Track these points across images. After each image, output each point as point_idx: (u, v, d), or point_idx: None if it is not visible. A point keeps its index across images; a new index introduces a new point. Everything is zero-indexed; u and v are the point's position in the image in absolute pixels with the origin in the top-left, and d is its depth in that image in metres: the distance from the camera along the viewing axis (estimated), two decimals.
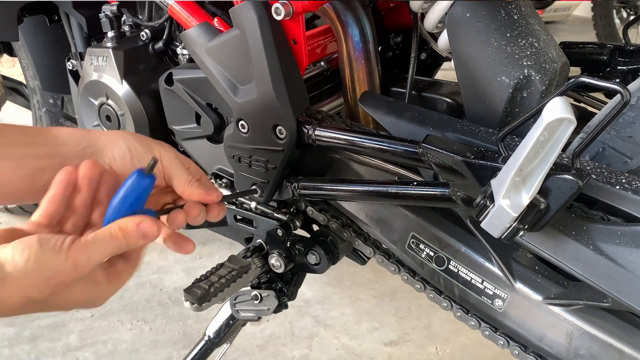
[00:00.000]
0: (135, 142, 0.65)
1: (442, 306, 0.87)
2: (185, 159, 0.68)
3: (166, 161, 0.65)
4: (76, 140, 0.63)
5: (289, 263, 0.97)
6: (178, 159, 0.66)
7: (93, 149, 0.63)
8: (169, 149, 0.67)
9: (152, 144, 0.66)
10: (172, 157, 0.66)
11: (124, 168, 0.63)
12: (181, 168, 0.66)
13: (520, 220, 0.60)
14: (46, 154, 0.61)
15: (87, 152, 0.63)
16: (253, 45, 0.78)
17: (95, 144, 0.63)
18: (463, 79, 0.81)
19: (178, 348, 1.47)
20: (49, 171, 0.61)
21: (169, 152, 0.66)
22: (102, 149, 0.63)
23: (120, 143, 0.64)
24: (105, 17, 1.07)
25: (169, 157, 0.65)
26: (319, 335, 1.53)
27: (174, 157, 0.66)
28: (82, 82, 1.10)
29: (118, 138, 0.65)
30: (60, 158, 0.61)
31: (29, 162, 0.60)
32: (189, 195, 0.66)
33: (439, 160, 0.69)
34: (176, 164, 0.66)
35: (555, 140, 0.53)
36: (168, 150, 0.66)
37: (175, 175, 0.65)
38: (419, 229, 0.83)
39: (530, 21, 0.80)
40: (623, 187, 0.63)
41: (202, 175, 0.69)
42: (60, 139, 0.63)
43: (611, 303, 0.66)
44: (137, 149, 0.64)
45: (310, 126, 0.82)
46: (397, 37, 1.17)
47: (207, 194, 0.66)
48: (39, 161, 0.61)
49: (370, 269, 1.75)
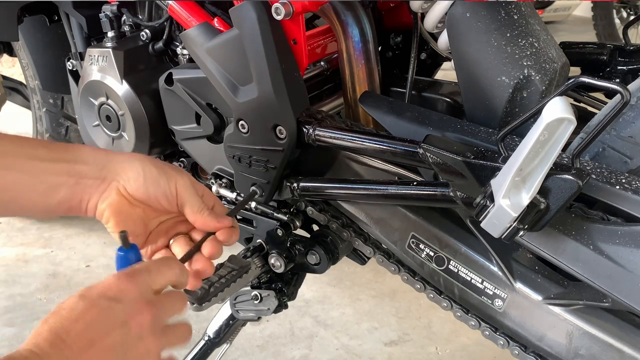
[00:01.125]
0: (151, 165, 0.65)
1: (442, 306, 0.87)
2: (200, 186, 0.68)
3: (181, 188, 0.65)
4: (95, 160, 0.64)
5: (289, 263, 0.97)
6: (193, 186, 0.67)
7: (110, 170, 0.63)
8: (184, 174, 0.67)
9: (168, 169, 0.66)
10: (187, 184, 0.66)
11: (138, 190, 0.64)
12: (194, 196, 0.66)
13: (520, 220, 0.60)
14: (64, 171, 0.62)
15: (103, 173, 0.63)
16: (253, 45, 0.78)
17: (112, 166, 0.64)
18: (463, 79, 0.81)
19: (178, 348, 1.46)
20: (65, 188, 0.61)
21: (184, 178, 0.66)
22: (118, 171, 0.64)
23: (136, 165, 0.65)
24: (105, 17, 1.07)
25: (183, 184, 0.66)
26: (319, 335, 1.53)
27: (189, 184, 0.66)
28: (82, 82, 1.09)
29: (134, 160, 0.65)
30: (77, 177, 0.62)
31: (47, 177, 0.61)
32: (200, 224, 0.67)
33: (439, 160, 0.69)
34: (190, 192, 0.66)
35: (555, 140, 0.53)
36: (183, 177, 0.67)
37: (187, 202, 0.66)
38: (419, 229, 0.83)
39: (530, 21, 0.80)
40: (623, 187, 0.63)
41: (216, 201, 0.69)
42: (80, 157, 0.63)
43: (611, 303, 0.66)
44: (152, 171, 0.65)
45: (310, 126, 0.82)
46: (397, 37, 1.17)
47: (218, 222, 0.67)
48: (56, 177, 0.61)
49: (370, 269, 1.75)
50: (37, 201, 0.61)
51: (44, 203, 0.61)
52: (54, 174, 0.61)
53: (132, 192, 0.64)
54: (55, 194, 0.61)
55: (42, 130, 1.77)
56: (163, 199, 0.65)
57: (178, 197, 0.65)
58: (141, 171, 0.64)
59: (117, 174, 0.64)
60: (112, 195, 0.63)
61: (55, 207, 0.62)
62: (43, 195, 0.61)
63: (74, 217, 1.93)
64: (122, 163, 0.64)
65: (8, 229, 1.94)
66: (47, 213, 0.63)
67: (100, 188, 0.63)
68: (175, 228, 0.69)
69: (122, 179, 0.64)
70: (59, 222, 1.97)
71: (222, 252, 0.68)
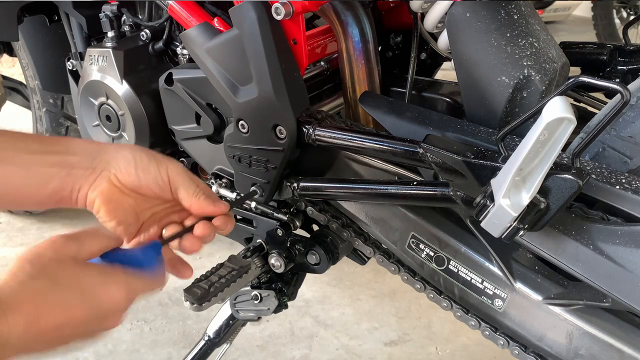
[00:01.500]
0: (142, 153, 0.65)
1: (442, 306, 0.87)
2: (193, 175, 0.68)
3: (173, 173, 0.65)
4: (86, 151, 0.64)
5: (289, 263, 0.97)
6: (186, 172, 0.67)
7: (101, 160, 0.64)
8: (175, 162, 0.67)
9: (159, 156, 0.66)
10: (180, 169, 0.66)
11: (129, 178, 0.64)
12: (188, 180, 0.66)
13: (520, 220, 0.60)
14: (56, 163, 0.62)
15: (94, 163, 0.63)
16: (253, 45, 0.78)
17: (103, 157, 0.64)
18: (463, 79, 0.81)
19: (178, 348, 1.47)
20: (57, 179, 0.61)
21: (176, 164, 0.67)
22: (109, 161, 0.64)
23: (127, 153, 0.65)
24: (105, 17, 1.07)
25: (175, 170, 0.66)
26: (319, 335, 1.53)
27: (182, 169, 0.67)
28: (82, 82, 1.09)
29: (125, 149, 0.66)
30: (69, 168, 0.62)
31: (39, 170, 0.61)
32: (196, 208, 0.66)
33: (439, 160, 0.69)
34: (183, 177, 0.66)
35: (555, 139, 0.53)
36: (174, 163, 0.67)
37: (182, 186, 0.65)
38: (419, 229, 0.83)
39: (530, 21, 0.80)
40: (623, 187, 0.63)
41: (208, 189, 0.69)
42: (71, 149, 0.63)
43: (611, 303, 0.66)
44: (142, 159, 0.65)
45: (310, 126, 0.82)
46: (397, 37, 1.17)
47: (215, 205, 0.66)
48: (48, 169, 0.61)
49: (370, 269, 1.75)
50: (30, 193, 0.61)
51: (37, 195, 0.62)
52: (46, 166, 0.61)
53: (123, 179, 0.64)
54: (48, 185, 0.61)
55: (42, 130, 1.77)
56: (155, 186, 0.65)
57: (171, 183, 0.65)
58: (131, 158, 0.64)
59: (107, 163, 0.64)
60: (103, 184, 0.63)
61: (47, 198, 0.62)
62: (36, 187, 0.61)
63: (74, 217, 1.94)
64: (112, 152, 0.64)
65: (8, 229, 1.94)
66: (40, 205, 0.64)
67: (90, 178, 0.63)
68: (168, 217, 0.69)
69: (112, 168, 0.63)
70: (59, 222, 1.97)
71: (214, 236, 0.67)
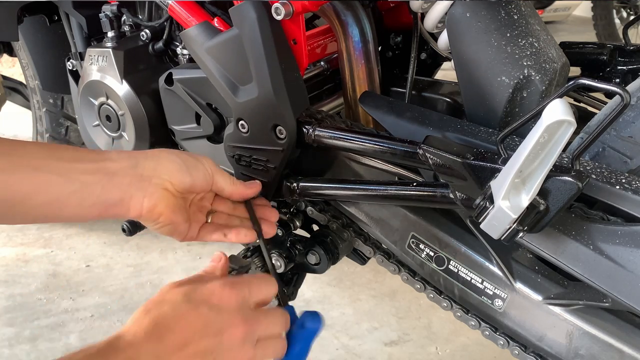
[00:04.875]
0: (181, 154, 0.69)
1: (442, 306, 0.87)
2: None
3: (211, 165, 0.71)
4: (122, 157, 0.64)
5: (289, 263, 0.97)
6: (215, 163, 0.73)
7: (145, 168, 0.64)
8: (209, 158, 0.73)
9: (193, 154, 0.71)
10: (213, 164, 0.72)
11: (184, 181, 0.66)
12: (223, 171, 0.72)
13: (520, 222, 0.60)
14: (96, 170, 0.61)
15: (138, 170, 0.63)
16: (253, 45, 0.78)
17: (145, 164, 0.64)
18: (463, 79, 0.81)
19: None
20: (98, 187, 0.60)
21: (208, 158, 0.72)
22: (155, 167, 0.64)
23: (173, 157, 0.67)
24: (105, 17, 1.07)
25: (211, 164, 0.71)
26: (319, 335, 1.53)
27: (215, 164, 0.72)
28: (82, 82, 1.10)
29: (163, 153, 0.67)
30: (110, 175, 0.61)
31: (79, 177, 0.60)
32: (237, 195, 0.74)
33: (438, 161, 0.69)
34: (218, 170, 0.72)
35: (555, 142, 0.53)
36: (209, 159, 0.72)
37: (220, 178, 0.72)
38: (419, 229, 0.83)
39: (530, 21, 0.80)
40: (623, 187, 0.63)
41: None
42: (106, 156, 0.63)
43: (611, 303, 0.66)
44: (189, 160, 0.68)
45: (310, 126, 0.82)
46: (397, 37, 1.17)
47: (251, 188, 0.76)
48: (88, 177, 0.60)
49: (370, 269, 1.75)
50: (70, 202, 0.59)
51: (78, 204, 0.60)
52: (86, 173, 0.60)
53: (177, 183, 0.66)
54: (89, 193, 0.60)
55: (42, 130, 1.77)
56: (203, 182, 0.69)
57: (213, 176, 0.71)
58: (181, 162, 0.67)
59: (154, 170, 0.64)
60: (159, 191, 0.64)
61: (90, 208, 0.60)
62: (76, 195, 0.59)
63: None
64: (154, 159, 0.65)
65: (8, 229, 1.94)
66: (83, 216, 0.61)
67: (140, 186, 0.62)
68: (202, 204, 0.74)
69: (164, 174, 0.65)
70: (59, 222, 1.97)
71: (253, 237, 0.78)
